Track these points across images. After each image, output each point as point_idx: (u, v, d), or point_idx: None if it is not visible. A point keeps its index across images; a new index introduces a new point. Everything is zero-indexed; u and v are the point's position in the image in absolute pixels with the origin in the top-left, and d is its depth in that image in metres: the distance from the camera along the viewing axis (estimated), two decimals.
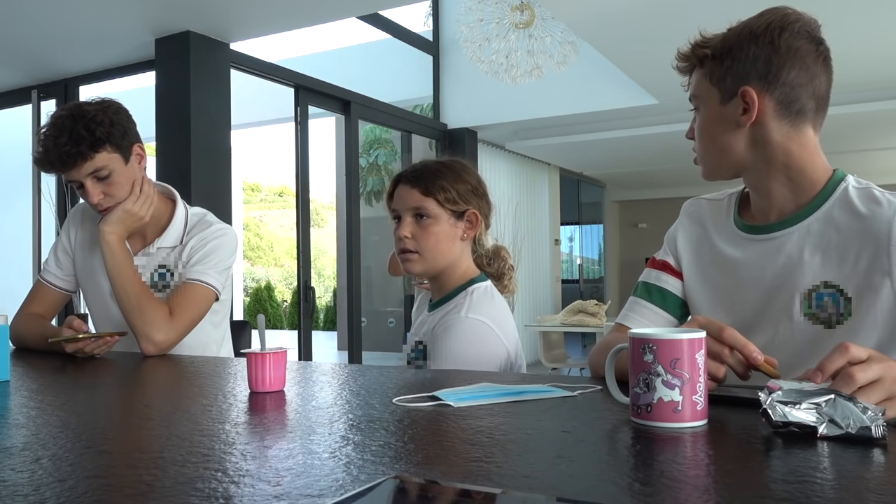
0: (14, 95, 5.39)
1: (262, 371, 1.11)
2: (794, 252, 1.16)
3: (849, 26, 4.47)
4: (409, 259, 1.54)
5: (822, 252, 1.13)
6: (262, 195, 23.85)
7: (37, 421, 0.95)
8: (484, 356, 1.44)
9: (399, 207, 1.55)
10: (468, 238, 1.58)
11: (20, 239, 5.45)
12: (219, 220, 1.91)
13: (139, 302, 1.69)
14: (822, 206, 1.15)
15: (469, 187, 1.57)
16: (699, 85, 1.20)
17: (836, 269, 1.12)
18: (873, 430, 0.73)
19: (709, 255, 1.28)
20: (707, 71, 1.18)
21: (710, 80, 1.18)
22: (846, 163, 9.84)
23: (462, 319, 1.45)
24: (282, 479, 0.66)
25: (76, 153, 1.65)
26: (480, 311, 1.47)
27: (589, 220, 12.47)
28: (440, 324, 1.49)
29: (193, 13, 4.04)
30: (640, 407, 0.84)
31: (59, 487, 0.64)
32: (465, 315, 1.45)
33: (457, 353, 1.42)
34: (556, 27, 5.00)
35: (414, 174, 1.55)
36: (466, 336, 1.44)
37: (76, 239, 1.92)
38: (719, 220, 1.30)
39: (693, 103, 1.23)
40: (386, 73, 7.17)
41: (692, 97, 1.23)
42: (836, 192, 1.15)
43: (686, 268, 1.31)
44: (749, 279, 1.20)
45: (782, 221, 1.19)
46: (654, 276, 1.35)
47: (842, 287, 1.11)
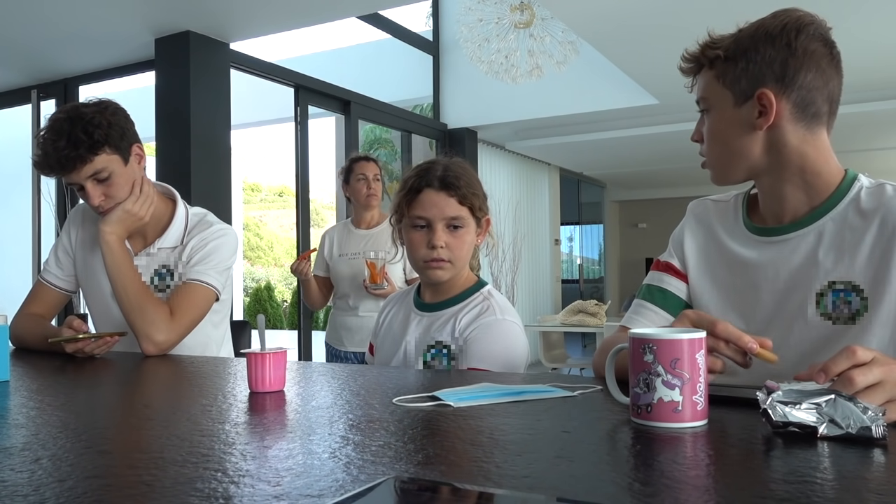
0: (14, 95, 5.39)
1: (262, 371, 1.11)
2: (808, 253, 1.15)
3: (849, 26, 4.47)
4: (440, 267, 1.51)
5: (837, 251, 1.13)
6: (262, 195, 23.85)
7: (36, 421, 0.95)
8: (516, 356, 1.48)
9: (431, 215, 1.50)
10: (480, 243, 1.60)
11: (20, 239, 5.45)
12: (219, 220, 1.91)
13: (139, 302, 1.69)
14: (837, 206, 1.15)
15: (483, 192, 1.58)
16: (709, 87, 1.18)
17: (850, 266, 1.12)
18: (873, 431, 0.73)
19: (718, 256, 1.27)
20: (718, 72, 1.16)
21: (722, 82, 1.15)
22: (846, 163, 9.81)
23: (501, 321, 1.49)
24: (282, 479, 0.66)
25: (75, 157, 1.65)
26: (509, 312, 1.52)
27: (589, 220, 12.47)
28: (478, 325, 1.49)
29: (193, 13, 4.04)
30: (640, 407, 0.84)
31: (58, 487, 0.64)
32: (503, 317, 1.49)
33: (495, 353, 1.46)
34: (556, 27, 5.00)
35: (446, 181, 1.50)
36: (507, 337, 1.48)
37: (77, 239, 1.92)
38: (727, 222, 1.29)
39: (701, 106, 1.20)
40: (386, 73, 7.16)
41: (701, 99, 1.20)
42: (850, 192, 1.15)
43: (694, 269, 1.30)
44: (763, 281, 1.20)
45: (796, 223, 1.17)
46: (657, 279, 1.35)
47: (856, 284, 1.11)
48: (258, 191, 23.73)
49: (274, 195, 23.83)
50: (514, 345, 1.49)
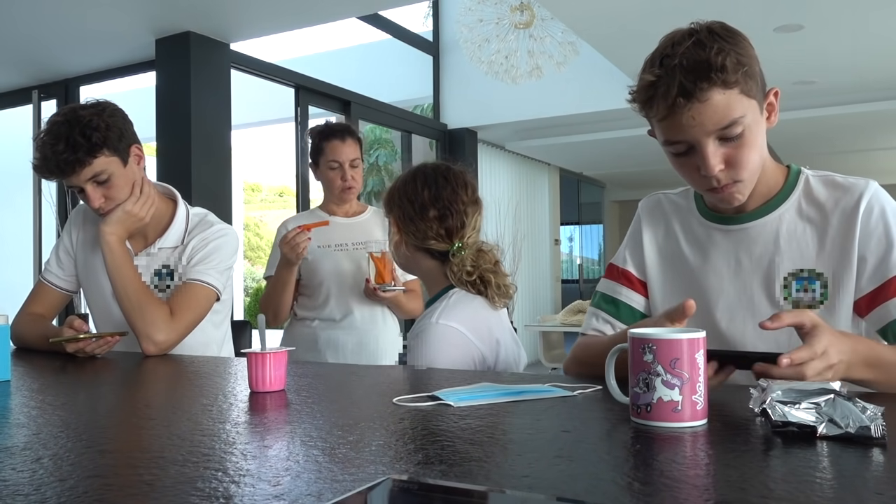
0: (14, 96, 5.39)
1: (262, 371, 1.12)
2: (769, 240, 1.20)
3: (849, 27, 4.46)
4: None
5: (798, 239, 1.18)
6: (262, 195, 23.82)
7: (38, 421, 0.95)
8: (455, 360, 1.42)
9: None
10: None
11: (21, 239, 5.45)
12: (220, 220, 1.91)
13: (140, 302, 1.69)
14: (790, 196, 1.20)
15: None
16: (739, 105, 1.06)
17: (811, 254, 1.17)
18: (872, 430, 0.73)
19: (678, 249, 1.29)
20: (742, 87, 1.06)
21: (748, 94, 1.07)
22: (846, 163, 9.85)
23: (432, 325, 1.43)
24: (282, 479, 0.66)
25: (74, 160, 1.64)
26: (451, 316, 1.45)
27: (589, 220, 12.46)
28: (412, 330, 1.48)
29: (193, 13, 4.04)
30: (639, 407, 0.84)
31: (59, 487, 0.64)
32: (437, 321, 1.44)
33: (428, 359, 1.41)
34: (556, 27, 5.00)
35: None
36: (437, 342, 1.42)
37: (77, 240, 1.92)
38: (682, 214, 1.31)
39: (735, 130, 1.07)
40: (386, 73, 7.16)
41: (734, 123, 1.07)
42: (800, 182, 1.21)
43: (655, 268, 1.32)
44: (725, 269, 1.23)
45: (754, 212, 1.21)
46: (610, 288, 1.36)
47: (819, 271, 1.17)
48: (258, 191, 23.70)
49: (274, 195, 23.79)
50: (446, 348, 1.42)
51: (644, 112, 1.13)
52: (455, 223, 1.51)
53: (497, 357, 1.51)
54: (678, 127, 1.08)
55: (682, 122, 1.07)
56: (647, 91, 1.09)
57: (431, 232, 1.51)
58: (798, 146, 8.08)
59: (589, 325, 1.36)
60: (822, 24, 4.41)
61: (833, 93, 6.22)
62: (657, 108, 1.09)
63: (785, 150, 8.06)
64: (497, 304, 1.54)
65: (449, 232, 1.51)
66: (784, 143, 7.79)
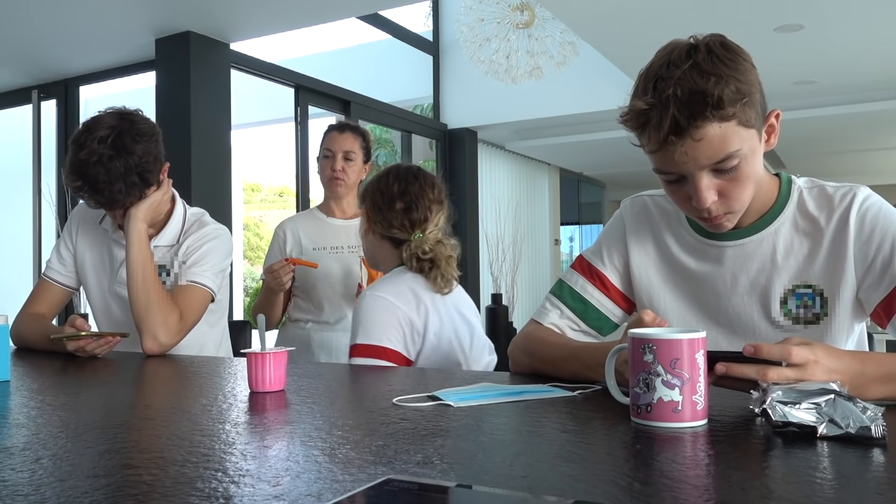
0: (14, 96, 5.39)
1: (262, 371, 1.11)
2: (766, 256, 1.17)
3: (849, 27, 4.47)
4: None
5: (794, 254, 1.16)
6: (262, 195, 23.81)
7: (37, 421, 0.95)
8: (383, 323, 1.55)
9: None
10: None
11: (20, 239, 5.45)
12: (214, 220, 1.92)
13: (155, 299, 1.68)
14: (784, 210, 1.17)
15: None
16: (736, 137, 1.01)
17: (808, 269, 1.15)
18: (873, 430, 0.73)
19: (670, 262, 1.25)
20: (740, 118, 1.01)
21: (746, 125, 1.02)
22: (846, 163, 9.85)
23: (364, 297, 1.60)
24: (282, 479, 0.66)
25: (128, 201, 1.70)
26: (379, 287, 1.61)
27: (589, 220, 12.46)
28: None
29: (193, 13, 4.04)
30: (639, 407, 0.84)
31: (59, 487, 0.64)
32: (367, 293, 1.60)
33: (361, 326, 1.56)
34: (556, 27, 5.00)
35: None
36: (366, 310, 1.57)
37: (78, 238, 1.93)
38: (671, 223, 1.26)
39: (731, 162, 1.03)
40: (386, 73, 7.16)
41: (730, 157, 1.02)
42: (792, 195, 1.18)
43: (643, 277, 1.27)
44: (722, 287, 1.20)
45: (749, 227, 1.18)
46: (578, 284, 1.32)
47: (816, 286, 1.15)
48: (258, 191, 23.70)
49: (274, 195, 23.79)
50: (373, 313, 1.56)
51: (635, 136, 1.08)
52: (419, 216, 1.65)
53: (427, 322, 1.59)
54: (670, 160, 1.04)
55: (675, 158, 1.03)
56: (639, 119, 1.04)
57: (396, 221, 1.65)
58: (798, 146, 8.08)
59: (547, 317, 1.31)
60: (822, 24, 4.41)
61: (833, 93, 6.22)
62: (648, 139, 1.04)
63: (785, 150, 8.06)
64: (435, 288, 1.63)
65: (412, 223, 1.65)
66: (784, 143, 7.79)
